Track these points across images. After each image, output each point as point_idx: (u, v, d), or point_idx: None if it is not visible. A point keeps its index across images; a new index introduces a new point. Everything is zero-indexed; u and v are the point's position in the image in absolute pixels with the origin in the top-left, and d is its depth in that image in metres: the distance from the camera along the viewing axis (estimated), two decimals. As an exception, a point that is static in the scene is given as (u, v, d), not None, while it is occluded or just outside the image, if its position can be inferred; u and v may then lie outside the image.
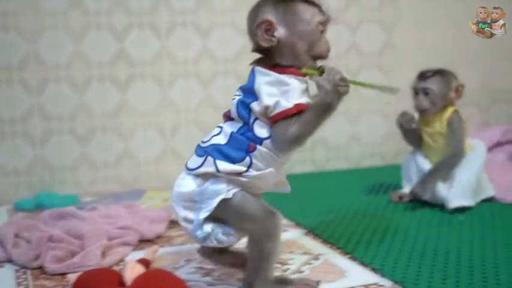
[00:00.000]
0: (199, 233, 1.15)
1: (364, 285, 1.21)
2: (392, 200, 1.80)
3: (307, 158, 2.27)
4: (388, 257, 1.33)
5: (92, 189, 2.04)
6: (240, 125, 1.16)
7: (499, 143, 2.22)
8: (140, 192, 1.94)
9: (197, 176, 1.15)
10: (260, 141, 1.13)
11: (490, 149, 2.12)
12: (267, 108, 1.11)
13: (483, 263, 1.27)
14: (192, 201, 1.15)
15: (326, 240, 1.48)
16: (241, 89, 1.18)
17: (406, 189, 1.80)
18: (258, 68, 1.16)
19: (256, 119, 1.14)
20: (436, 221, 1.60)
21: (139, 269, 1.18)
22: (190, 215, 1.15)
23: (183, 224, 1.17)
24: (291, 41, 1.15)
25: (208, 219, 1.14)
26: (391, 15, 2.31)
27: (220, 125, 1.20)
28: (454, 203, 1.65)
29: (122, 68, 2.07)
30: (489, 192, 1.76)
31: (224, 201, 1.12)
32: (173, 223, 1.59)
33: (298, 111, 1.11)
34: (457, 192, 1.66)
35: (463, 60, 2.32)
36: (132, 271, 1.15)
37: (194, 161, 1.16)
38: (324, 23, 1.17)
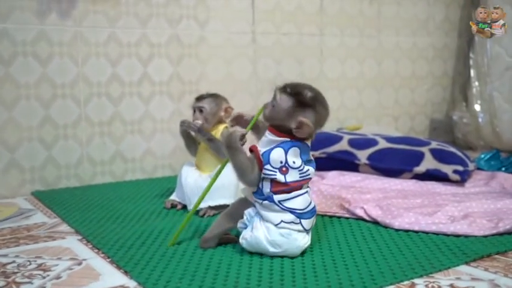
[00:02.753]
0: None
1: (110, 287, 1.14)
2: (165, 206, 1.75)
3: (106, 171, 2.17)
4: (142, 259, 1.27)
5: None
6: None
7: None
8: None
9: None
10: None
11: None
12: None
13: (220, 263, 1.26)
14: None
15: (95, 246, 1.39)
16: None
17: (174, 196, 1.76)
18: None
19: None
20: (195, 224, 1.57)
21: None
22: None
23: None
24: None
25: None
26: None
27: None
28: (213, 202, 1.63)
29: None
30: None
31: None
32: None
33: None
34: (217, 193, 1.64)
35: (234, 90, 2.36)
36: None
37: None
38: None
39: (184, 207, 1.74)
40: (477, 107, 2.90)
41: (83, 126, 2.10)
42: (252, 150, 1.28)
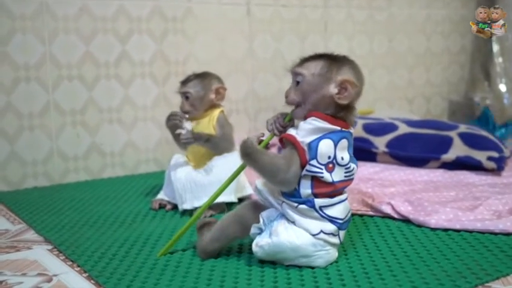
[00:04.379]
0: None
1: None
2: (152, 207, 1.59)
3: (80, 167, 1.99)
4: (126, 274, 1.10)
5: None
6: None
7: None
8: None
9: None
10: None
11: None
12: None
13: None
14: None
15: (68, 257, 1.22)
16: None
17: (162, 195, 1.61)
18: None
19: None
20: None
21: None
22: None
23: None
24: None
25: None
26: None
27: None
28: (220, 198, 1.45)
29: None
30: (248, 190, 1.62)
31: None
32: None
33: None
34: (215, 189, 1.47)
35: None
36: None
37: None
38: None
39: (175, 207, 1.58)
40: (502, 87, 2.76)
41: (51, 115, 1.92)
42: (291, 141, 1.10)
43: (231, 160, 1.52)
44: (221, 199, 1.48)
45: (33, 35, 1.87)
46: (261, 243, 1.11)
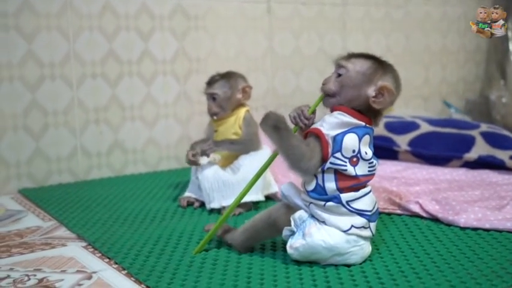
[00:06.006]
0: None
1: (134, 308, 1.00)
2: (181, 205, 1.61)
3: (103, 163, 2.01)
4: (165, 272, 1.12)
5: None
6: None
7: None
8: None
9: None
10: None
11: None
12: None
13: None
14: None
15: (104, 255, 1.25)
16: None
17: (189, 192, 1.63)
18: None
19: None
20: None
21: None
22: None
23: None
24: None
25: None
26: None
27: None
28: (248, 197, 1.48)
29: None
30: (274, 188, 1.63)
31: None
32: None
33: None
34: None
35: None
36: None
37: None
38: None
39: (203, 204, 1.59)
40: (518, 85, 2.77)
41: (75, 112, 1.94)
42: (315, 133, 1.12)
43: (258, 158, 1.54)
44: (248, 198, 1.50)
45: (58, 33, 1.89)
46: (296, 245, 1.13)
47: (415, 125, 1.97)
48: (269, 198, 1.63)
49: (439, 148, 1.86)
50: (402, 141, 1.92)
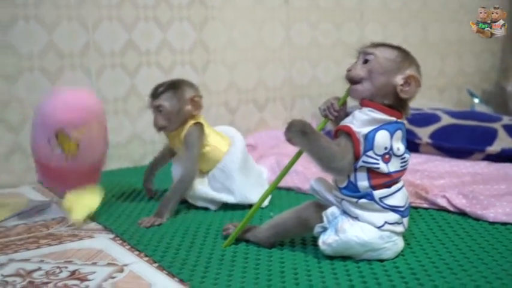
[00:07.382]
0: None
1: (170, 302, 1.00)
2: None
3: (122, 154, 2.01)
4: (197, 265, 1.13)
5: None
6: None
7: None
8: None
9: None
10: None
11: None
12: None
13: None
14: None
15: (134, 247, 1.25)
16: None
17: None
18: None
19: None
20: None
21: None
22: None
23: None
24: None
25: None
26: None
27: None
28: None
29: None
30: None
31: None
32: None
33: None
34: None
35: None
36: None
37: None
38: None
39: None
40: (535, 76, 2.76)
41: (95, 102, 1.94)
42: (347, 132, 1.11)
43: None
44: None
45: (77, 23, 1.88)
46: (329, 240, 1.13)
47: (436, 117, 1.96)
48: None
49: (460, 141, 1.86)
50: (424, 134, 1.91)
